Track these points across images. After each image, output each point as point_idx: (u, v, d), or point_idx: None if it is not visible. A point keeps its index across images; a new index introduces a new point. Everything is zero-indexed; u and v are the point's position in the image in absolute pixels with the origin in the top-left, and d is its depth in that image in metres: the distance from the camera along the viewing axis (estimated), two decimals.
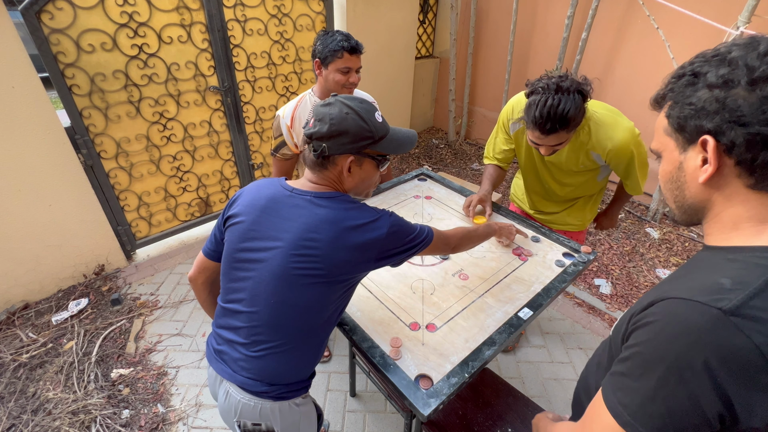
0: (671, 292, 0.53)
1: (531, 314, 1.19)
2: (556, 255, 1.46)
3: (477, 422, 1.28)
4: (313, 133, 0.90)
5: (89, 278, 2.50)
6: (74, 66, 2.10)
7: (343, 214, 0.90)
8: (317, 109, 0.91)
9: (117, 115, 2.31)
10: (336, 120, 0.88)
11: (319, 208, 0.90)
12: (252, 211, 0.95)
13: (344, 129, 0.89)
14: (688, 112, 0.55)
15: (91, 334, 2.16)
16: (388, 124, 0.97)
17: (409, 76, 4.00)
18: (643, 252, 2.88)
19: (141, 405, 1.85)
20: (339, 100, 0.91)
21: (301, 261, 0.88)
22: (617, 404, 0.55)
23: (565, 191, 1.62)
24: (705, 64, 0.55)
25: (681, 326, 0.50)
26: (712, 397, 0.47)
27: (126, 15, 2.16)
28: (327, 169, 0.93)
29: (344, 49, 1.49)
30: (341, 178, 0.96)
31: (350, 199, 0.94)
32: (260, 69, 2.80)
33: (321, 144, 0.89)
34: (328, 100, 0.92)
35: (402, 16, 3.55)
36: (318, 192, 0.94)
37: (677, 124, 0.57)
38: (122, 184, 2.49)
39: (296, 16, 2.83)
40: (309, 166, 0.95)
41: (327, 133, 0.88)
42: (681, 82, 0.57)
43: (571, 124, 1.22)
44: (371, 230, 0.90)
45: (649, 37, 2.94)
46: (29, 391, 1.87)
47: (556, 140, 1.27)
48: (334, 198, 0.93)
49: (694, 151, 0.56)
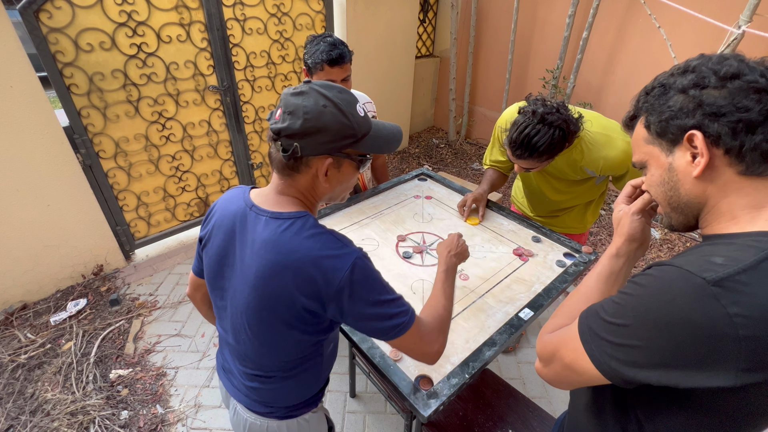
0: (669, 261, 0.58)
1: (532, 315, 1.18)
2: (557, 255, 1.45)
3: (477, 423, 1.27)
4: (282, 129, 0.74)
5: (88, 278, 2.49)
6: (73, 65, 2.09)
7: (302, 243, 0.75)
8: (287, 99, 0.75)
9: (116, 114, 2.30)
10: (312, 114, 0.73)
11: (277, 236, 0.77)
12: (219, 233, 0.85)
13: (322, 125, 0.73)
14: (668, 114, 0.60)
15: (89, 335, 2.15)
16: (370, 119, 0.83)
17: (410, 75, 3.99)
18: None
19: (140, 406, 1.85)
20: (314, 89, 0.75)
21: (262, 300, 0.78)
22: (585, 327, 0.63)
23: (562, 198, 1.61)
24: (669, 78, 0.61)
25: (663, 287, 0.54)
26: (660, 352, 0.53)
27: (125, 14, 2.15)
28: (299, 172, 0.78)
29: (324, 62, 1.41)
30: (314, 184, 0.81)
31: (314, 224, 0.79)
32: (260, 68, 2.79)
33: (292, 143, 0.74)
34: (300, 88, 0.75)
35: (402, 14, 3.54)
36: (277, 213, 0.79)
37: (659, 128, 0.62)
38: (121, 184, 2.48)
39: (296, 15, 2.82)
40: (276, 169, 0.80)
41: (300, 129, 0.73)
42: (652, 95, 0.63)
43: (542, 156, 1.25)
44: (332, 263, 0.74)
45: (651, 36, 2.93)
46: (27, 391, 1.86)
47: (526, 164, 1.31)
48: (294, 221, 0.78)
49: (681, 150, 0.60)
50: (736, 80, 0.54)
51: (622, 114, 0.74)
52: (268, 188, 0.85)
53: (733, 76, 0.55)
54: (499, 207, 1.70)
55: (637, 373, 0.55)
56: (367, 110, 1.70)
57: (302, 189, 0.81)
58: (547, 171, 1.51)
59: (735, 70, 0.55)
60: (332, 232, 0.80)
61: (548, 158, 1.28)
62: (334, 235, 0.79)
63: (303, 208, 0.82)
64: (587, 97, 3.43)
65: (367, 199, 1.76)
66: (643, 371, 0.55)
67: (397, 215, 1.65)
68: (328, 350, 0.94)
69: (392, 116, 4.00)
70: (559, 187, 1.57)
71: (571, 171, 1.45)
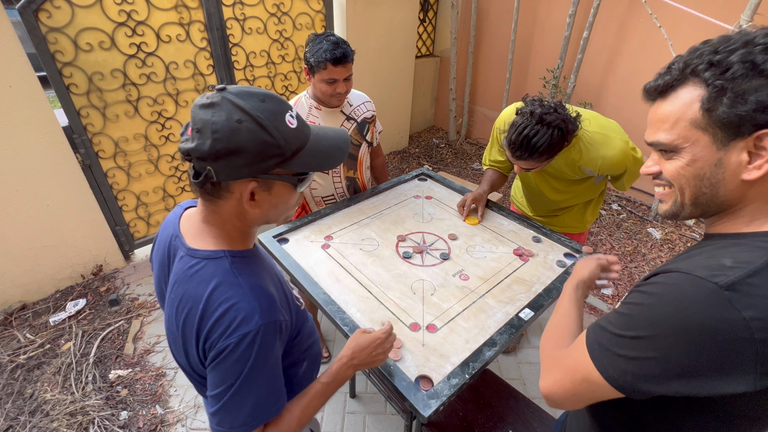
0: (676, 266, 0.56)
1: (532, 315, 1.18)
2: (558, 255, 1.44)
3: (478, 424, 1.26)
4: (191, 150, 0.61)
5: (87, 279, 2.49)
6: (72, 65, 2.09)
7: (206, 293, 0.66)
8: (195, 112, 0.62)
9: (115, 114, 2.30)
10: (222, 133, 0.60)
11: (186, 280, 0.69)
12: (155, 263, 0.80)
13: (236, 146, 0.60)
14: (754, 105, 0.50)
15: (89, 335, 2.14)
16: (307, 128, 0.71)
17: (410, 75, 3.98)
18: (645, 252, 2.86)
19: (139, 406, 1.84)
20: (227, 99, 0.61)
21: (178, 337, 0.72)
22: (594, 343, 0.60)
23: (561, 198, 1.61)
24: (757, 49, 0.50)
25: (675, 295, 0.52)
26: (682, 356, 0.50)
27: (124, 14, 2.14)
28: (220, 198, 0.67)
29: (327, 61, 1.40)
30: (241, 210, 0.69)
31: (231, 270, 0.68)
32: (259, 68, 2.79)
33: (204, 166, 0.62)
34: (211, 98, 0.62)
35: (402, 14, 3.53)
36: (193, 250, 0.70)
37: (731, 117, 0.51)
38: (120, 184, 2.47)
39: (295, 15, 2.82)
40: (196, 193, 0.69)
41: (210, 151, 0.60)
42: (733, 72, 0.50)
43: (542, 156, 1.25)
44: (225, 322, 0.65)
45: (652, 35, 2.93)
46: (27, 392, 1.86)
47: (526, 165, 1.31)
48: (207, 264, 0.69)
49: (739, 147, 0.53)
50: None
51: (623, 114, 0.70)
52: (197, 210, 0.74)
53: None
54: (499, 207, 1.70)
55: (656, 386, 0.53)
56: (368, 109, 1.71)
57: (227, 216, 0.70)
58: (546, 171, 1.51)
59: None
60: (249, 289, 0.67)
61: (548, 158, 1.28)
62: (249, 292, 0.67)
63: (226, 242, 0.71)
64: (588, 97, 3.43)
65: (367, 199, 1.76)
66: (662, 384, 0.53)
67: (397, 215, 1.65)
68: (298, 374, 0.86)
69: (392, 116, 4.00)
70: (558, 187, 1.56)
71: (570, 170, 1.45)
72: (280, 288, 0.78)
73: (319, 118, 1.59)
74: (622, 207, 3.36)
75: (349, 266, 1.37)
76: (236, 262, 0.70)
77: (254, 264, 0.74)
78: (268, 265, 0.80)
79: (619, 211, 3.31)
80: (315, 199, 1.77)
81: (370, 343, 0.89)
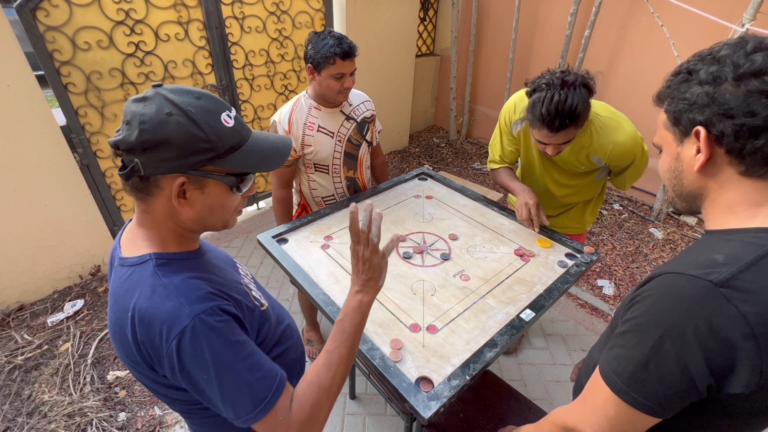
0: (667, 268, 0.58)
1: (533, 315, 1.16)
2: (559, 256, 1.43)
3: (478, 425, 1.25)
4: (118, 141, 0.61)
5: (85, 279, 2.47)
6: (70, 64, 2.07)
7: (135, 299, 0.63)
8: (127, 106, 0.63)
9: (113, 113, 2.28)
10: (150, 124, 0.60)
11: (117, 289, 0.67)
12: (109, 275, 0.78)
13: (162, 138, 0.60)
14: (682, 106, 0.60)
15: (87, 336, 2.13)
16: (246, 129, 0.70)
17: (410, 74, 3.97)
18: (647, 252, 2.85)
19: (137, 408, 1.83)
20: (160, 94, 0.62)
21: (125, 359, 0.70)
22: (611, 373, 0.60)
23: (563, 193, 1.60)
24: (699, 62, 0.59)
25: (674, 297, 0.54)
26: (700, 363, 0.51)
27: (122, 12, 2.13)
28: (150, 195, 0.65)
29: (336, 55, 1.39)
30: (172, 209, 0.67)
31: (154, 272, 0.65)
32: (258, 67, 2.77)
33: (132, 158, 0.61)
34: (145, 93, 0.63)
35: (402, 13, 3.52)
36: (124, 258, 0.68)
37: (674, 118, 0.62)
38: (118, 184, 2.46)
39: (295, 14, 2.81)
40: (128, 191, 0.67)
41: (136, 142, 0.60)
42: (677, 80, 0.62)
43: (580, 120, 1.18)
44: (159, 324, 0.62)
45: (653, 34, 2.91)
46: (24, 393, 1.85)
47: (565, 137, 1.23)
48: (134, 270, 0.66)
49: (689, 143, 0.61)
50: (753, 80, 0.53)
51: (625, 113, 0.75)
52: (134, 216, 0.73)
53: (754, 74, 0.53)
54: (500, 207, 1.68)
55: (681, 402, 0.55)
56: (367, 108, 1.69)
57: (160, 217, 0.68)
58: (554, 162, 1.49)
59: (758, 67, 0.53)
60: (173, 287, 0.64)
61: (582, 122, 1.20)
62: (173, 289, 0.64)
63: (156, 245, 0.69)
64: None
65: (367, 198, 1.74)
66: (690, 397, 0.54)
67: (397, 215, 1.64)
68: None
69: (392, 115, 3.98)
70: (562, 180, 1.55)
71: (576, 160, 1.42)
72: (232, 287, 0.74)
73: (319, 119, 1.57)
74: (623, 207, 3.34)
75: (349, 267, 1.36)
76: (162, 264, 0.67)
77: (190, 265, 0.70)
78: (215, 267, 0.76)
79: (620, 211, 3.30)
80: (315, 199, 1.76)
81: (355, 264, 0.80)
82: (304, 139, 1.57)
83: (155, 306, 0.62)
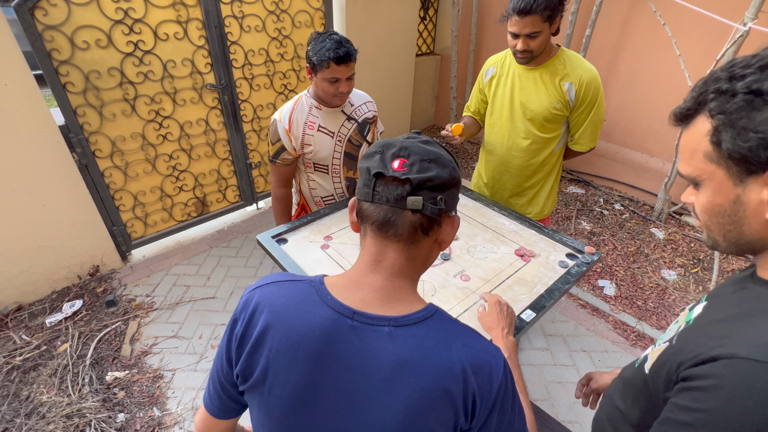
0: (733, 347, 0.47)
1: (534, 316, 1.15)
2: (560, 256, 1.42)
3: None
4: (430, 177, 0.58)
5: (84, 279, 2.46)
6: (68, 63, 2.06)
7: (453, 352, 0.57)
8: (414, 145, 0.61)
9: (112, 113, 2.27)
10: (453, 164, 0.62)
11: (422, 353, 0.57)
12: (293, 360, 0.59)
13: (458, 177, 0.62)
14: (757, 141, 0.45)
15: (85, 337, 2.12)
16: None
17: (410, 73, 3.95)
18: (648, 253, 2.83)
19: (136, 408, 1.82)
20: (425, 139, 0.65)
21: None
22: None
23: (527, 147, 1.65)
24: (761, 76, 0.46)
25: (756, 396, 0.43)
26: None
27: (121, 11, 2.12)
28: (428, 235, 0.61)
29: (330, 60, 1.37)
30: (431, 253, 0.65)
31: (449, 318, 0.62)
32: (258, 66, 2.76)
33: (436, 195, 0.59)
34: (422, 137, 0.65)
35: (402, 12, 3.51)
36: (401, 318, 0.58)
37: (738, 153, 0.48)
38: (117, 184, 2.45)
39: (294, 13, 2.79)
40: (399, 238, 0.60)
41: (450, 179, 0.59)
42: (734, 103, 0.47)
43: (546, 9, 1.33)
44: (488, 366, 0.58)
45: (655, 33, 2.90)
46: (23, 394, 1.84)
47: (532, 25, 1.37)
48: (427, 322, 0.59)
49: (758, 184, 0.48)
50: None
51: (626, 113, 0.67)
52: (362, 272, 0.62)
53: None
54: (500, 207, 1.67)
55: None
56: (369, 109, 1.68)
57: (420, 264, 0.64)
58: (524, 104, 1.58)
59: None
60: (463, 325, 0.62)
61: (548, 11, 1.34)
62: (468, 327, 0.62)
63: (416, 294, 0.64)
64: None
65: None
66: None
67: None
68: None
69: (392, 115, 3.97)
70: (531, 129, 1.61)
71: (548, 94, 1.53)
72: None
73: (320, 118, 1.56)
74: (624, 207, 3.33)
75: (348, 266, 1.35)
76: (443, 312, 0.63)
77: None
78: None
79: (621, 211, 3.28)
80: (314, 199, 1.75)
81: (495, 308, 1.00)
82: (304, 138, 1.56)
83: (480, 349, 0.59)
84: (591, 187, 3.62)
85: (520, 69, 1.58)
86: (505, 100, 1.64)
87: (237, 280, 2.57)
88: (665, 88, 3.00)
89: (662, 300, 2.44)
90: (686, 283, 2.58)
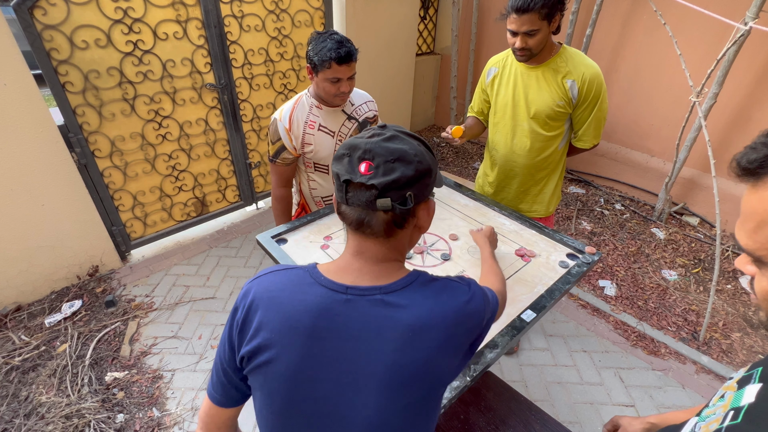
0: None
1: (534, 316, 1.15)
2: (560, 256, 1.42)
3: (479, 426, 1.24)
4: (394, 180, 0.61)
5: (83, 279, 2.46)
6: (68, 63, 2.06)
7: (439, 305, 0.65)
8: (378, 145, 0.63)
9: (111, 112, 2.27)
10: (420, 156, 0.64)
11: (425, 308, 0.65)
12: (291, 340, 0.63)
13: (428, 166, 0.65)
14: None
15: (84, 337, 2.12)
16: None
17: (410, 73, 3.95)
18: (649, 253, 2.83)
19: (136, 409, 1.82)
20: (394, 129, 0.67)
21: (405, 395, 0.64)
22: None
23: (531, 145, 1.64)
24: None
25: None
26: None
27: (120, 11, 2.12)
28: (403, 227, 0.66)
29: (332, 60, 1.37)
30: (412, 237, 0.70)
31: (430, 277, 0.70)
32: (258, 66, 2.76)
33: (404, 193, 0.62)
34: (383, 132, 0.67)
35: (402, 11, 3.50)
36: (387, 286, 0.65)
37: None
38: (117, 184, 2.45)
39: (294, 12, 2.79)
40: (375, 234, 0.65)
41: (414, 175, 0.62)
42: None
43: (544, 7, 1.34)
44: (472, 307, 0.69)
45: (656, 33, 2.89)
46: (22, 394, 1.83)
47: (529, 23, 1.37)
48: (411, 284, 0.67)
49: None
50: None
51: (626, 113, 0.64)
52: (348, 261, 0.68)
53: None
54: (501, 207, 1.67)
55: None
56: (369, 108, 1.68)
57: (402, 248, 0.70)
58: (528, 102, 1.57)
59: None
60: (444, 277, 0.72)
61: (546, 9, 1.35)
62: (448, 278, 0.72)
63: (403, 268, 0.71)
64: None
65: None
66: None
67: None
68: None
69: (393, 114, 3.97)
70: (535, 128, 1.60)
71: (551, 92, 1.52)
72: None
73: (320, 117, 1.56)
74: (625, 207, 3.33)
75: None
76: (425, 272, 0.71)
77: None
78: None
79: (622, 211, 3.28)
80: (314, 199, 1.74)
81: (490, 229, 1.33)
82: (305, 137, 1.55)
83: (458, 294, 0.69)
84: (592, 187, 3.61)
85: (522, 68, 1.57)
86: (508, 99, 1.63)
87: (236, 280, 2.56)
88: (666, 88, 2.99)
89: (663, 300, 2.44)
90: (687, 283, 2.57)
